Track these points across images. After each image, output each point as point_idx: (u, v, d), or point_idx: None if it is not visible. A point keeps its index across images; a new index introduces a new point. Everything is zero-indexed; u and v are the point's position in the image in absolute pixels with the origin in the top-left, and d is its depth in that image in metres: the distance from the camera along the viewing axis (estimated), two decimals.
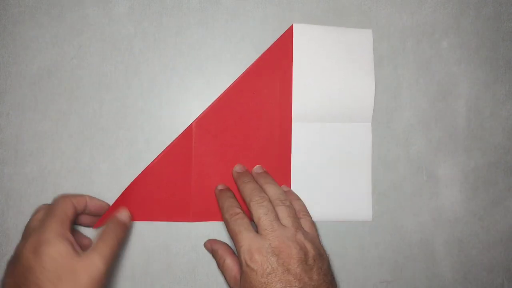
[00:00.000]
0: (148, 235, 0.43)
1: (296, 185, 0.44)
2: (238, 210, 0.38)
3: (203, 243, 0.43)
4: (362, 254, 0.45)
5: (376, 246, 0.45)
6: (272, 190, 0.40)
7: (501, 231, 0.46)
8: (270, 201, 0.38)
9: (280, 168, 0.44)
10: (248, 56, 0.44)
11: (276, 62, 0.44)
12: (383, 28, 0.46)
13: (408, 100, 0.46)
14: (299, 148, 0.44)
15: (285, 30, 0.45)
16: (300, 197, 0.43)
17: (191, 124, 0.43)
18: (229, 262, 0.39)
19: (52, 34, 0.43)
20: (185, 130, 0.42)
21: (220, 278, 0.43)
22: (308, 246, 0.36)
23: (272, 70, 0.44)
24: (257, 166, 0.43)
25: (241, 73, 0.44)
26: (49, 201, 0.42)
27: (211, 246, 0.42)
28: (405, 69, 0.46)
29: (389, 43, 0.46)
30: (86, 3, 0.43)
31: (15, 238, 0.42)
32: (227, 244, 0.42)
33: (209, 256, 0.43)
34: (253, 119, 0.43)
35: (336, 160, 0.45)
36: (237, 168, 0.43)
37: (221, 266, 0.40)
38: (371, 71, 0.45)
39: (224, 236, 0.43)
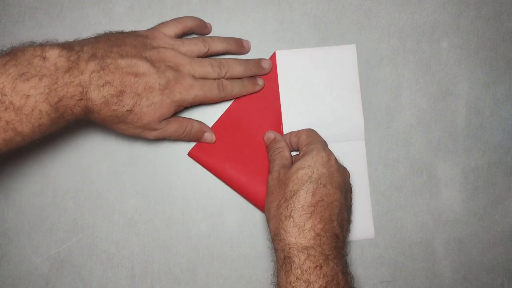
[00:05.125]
0: (148, 235, 0.43)
1: None
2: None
3: (203, 243, 0.43)
4: (362, 254, 0.45)
5: (376, 246, 0.45)
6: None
7: (501, 231, 0.46)
8: None
9: None
10: (248, 56, 0.44)
11: (263, 90, 0.44)
12: (383, 28, 0.46)
13: (408, 100, 0.46)
14: None
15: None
16: None
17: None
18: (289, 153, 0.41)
19: (52, 34, 0.43)
20: None
21: (220, 278, 0.43)
22: None
23: (260, 99, 0.44)
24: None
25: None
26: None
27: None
28: (405, 69, 0.46)
29: (389, 43, 0.46)
30: (86, 3, 0.43)
31: (15, 238, 0.42)
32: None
33: (209, 256, 0.43)
34: (243, 151, 0.43)
35: None
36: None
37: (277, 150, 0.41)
38: (357, 89, 0.45)
39: (225, 238, 0.43)
